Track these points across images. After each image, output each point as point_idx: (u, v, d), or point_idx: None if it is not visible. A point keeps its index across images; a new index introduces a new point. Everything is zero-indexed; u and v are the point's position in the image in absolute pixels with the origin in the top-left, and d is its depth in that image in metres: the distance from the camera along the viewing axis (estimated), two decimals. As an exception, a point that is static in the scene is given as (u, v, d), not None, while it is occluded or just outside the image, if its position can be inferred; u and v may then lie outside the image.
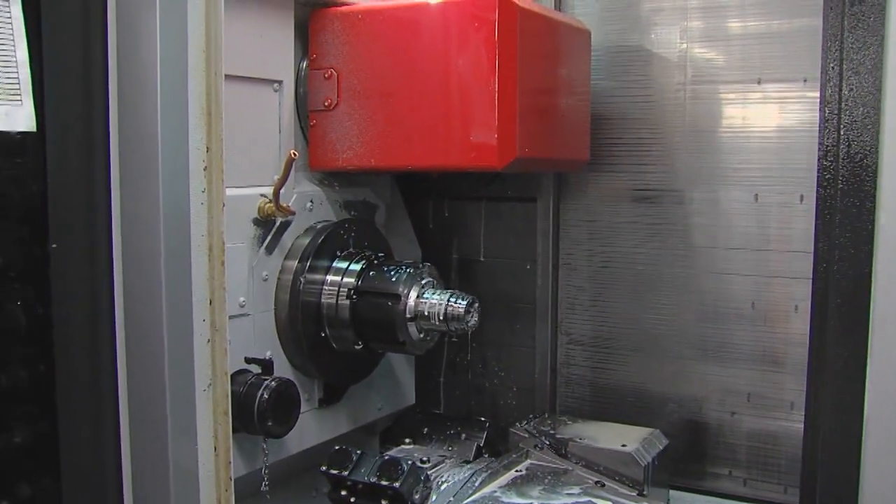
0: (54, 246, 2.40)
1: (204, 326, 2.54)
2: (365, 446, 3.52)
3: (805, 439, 2.13)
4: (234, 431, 2.89)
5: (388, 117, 3.16)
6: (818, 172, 2.01)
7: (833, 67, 1.91)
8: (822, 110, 2.01)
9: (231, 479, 2.65)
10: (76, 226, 2.46)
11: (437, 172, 3.62)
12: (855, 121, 1.84)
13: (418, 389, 3.88)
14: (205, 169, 2.49)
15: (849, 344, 1.73)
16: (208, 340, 2.57)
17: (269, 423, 2.85)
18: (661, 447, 3.30)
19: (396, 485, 2.86)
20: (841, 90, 1.87)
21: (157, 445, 2.54)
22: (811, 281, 2.02)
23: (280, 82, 3.12)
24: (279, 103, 3.13)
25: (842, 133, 1.86)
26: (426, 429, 3.48)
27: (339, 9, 3.24)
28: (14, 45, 2.27)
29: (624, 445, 3.22)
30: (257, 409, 2.83)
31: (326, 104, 3.24)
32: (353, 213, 3.39)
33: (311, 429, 3.26)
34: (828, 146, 1.94)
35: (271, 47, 3.09)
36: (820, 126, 2.02)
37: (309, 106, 3.30)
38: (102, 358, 2.55)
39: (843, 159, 1.85)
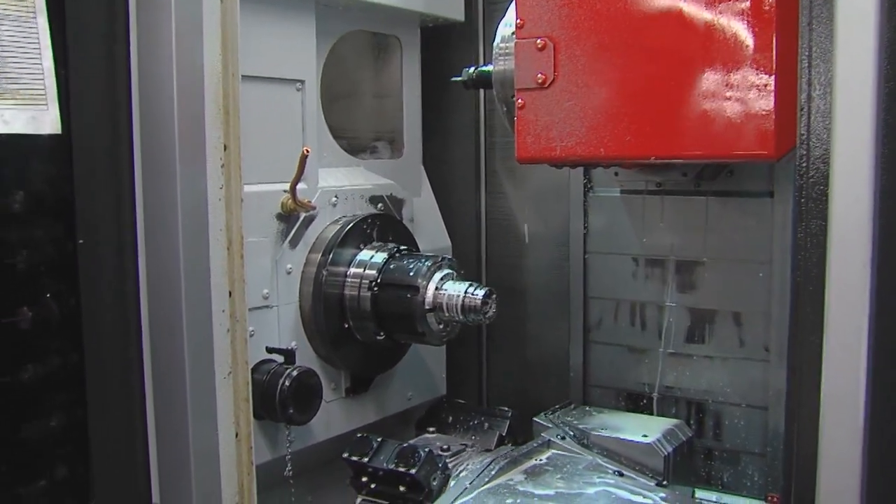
0: (81, 241, 2.56)
1: (223, 317, 2.67)
2: (400, 435, 3.61)
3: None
4: (258, 419, 3.04)
5: (622, 96, 2.65)
6: (798, 161, 2.02)
7: (804, 56, 1.91)
8: (798, 99, 2.01)
9: (252, 463, 2.77)
10: (102, 222, 2.60)
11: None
12: (818, 109, 1.84)
13: (451, 380, 3.98)
14: (222, 166, 2.62)
15: (817, 332, 1.73)
16: (228, 330, 2.69)
17: (291, 411, 2.96)
18: (683, 438, 3.31)
19: (413, 471, 2.94)
20: (810, 78, 1.88)
21: (180, 431, 2.68)
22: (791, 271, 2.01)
23: (302, 82, 3.21)
24: (302, 102, 3.22)
25: (811, 122, 1.87)
26: (450, 418, 3.55)
27: None
28: (40, 54, 2.42)
29: (645, 436, 3.24)
30: (279, 397, 2.94)
31: (539, 81, 2.77)
32: (379, 207, 3.48)
33: (338, 418, 3.37)
34: (801, 135, 1.95)
35: (293, 48, 3.18)
36: (798, 115, 2.02)
37: (516, 83, 2.84)
38: (129, 347, 2.70)
39: (812, 148, 1.86)
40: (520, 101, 2.82)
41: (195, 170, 2.57)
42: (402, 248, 3.35)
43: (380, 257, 3.25)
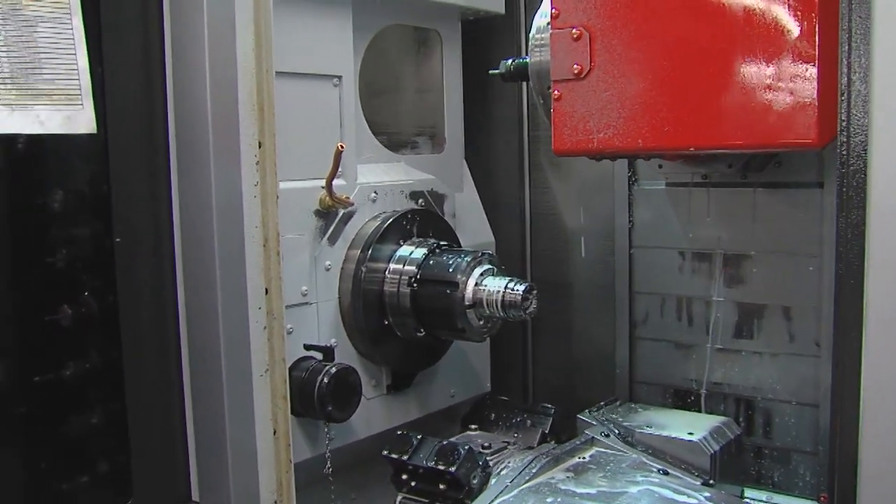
0: (118, 240, 2.57)
1: (260, 314, 2.67)
2: (445, 432, 3.59)
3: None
4: (297, 416, 3.04)
5: (662, 85, 2.58)
6: (839, 149, 1.94)
7: (844, 40, 1.84)
8: (839, 84, 1.93)
9: (291, 460, 2.77)
10: (138, 221, 2.62)
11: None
12: (858, 95, 1.76)
13: (496, 376, 3.94)
14: (257, 163, 2.61)
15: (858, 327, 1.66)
16: (265, 327, 2.69)
17: (329, 408, 2.94)
18: (731, 437, 3.23)
19: (453, 469, 2.91)
20: (850, 63, 1.80)
21: (217, 428, 2.69)
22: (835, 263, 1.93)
23: (339, 77, 3.19)
24: (339, 98, 3.20)
25: (851, 108, 1.79)
26: (493, 415, 3.52)
27: None
28: (75, 54, 2.44)
29: (691, 434, 3.17)
30: (317, 395, 2.93)
31: (576, 71, 2.71)
32: (420, 202, 3.45)
33: (379, 415, 3.35)
34: (842, 122, 1.87)
35: (330, 44, 3.17)
36: (839, 101, 1.94)
37: (552, 74, 2.79)
38: (167, 345, 2.71)
39: (852, 135, 1.78)
40: (556, 92, 2.78)
41: (230, 167, 2.57)
42: (443, 243, 3.31)
43: (419, 253, 3.22)
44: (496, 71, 3.27)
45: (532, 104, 3.97)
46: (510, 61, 3.21)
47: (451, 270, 3.13)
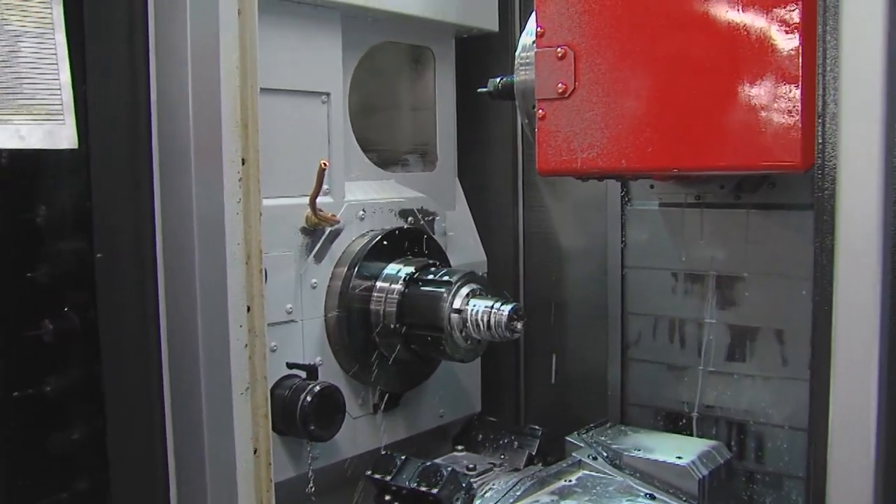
0: (99, 255, 2.56)
1: (241, 332, 2.64)
2: (436, 453, 3.56)
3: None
4: (281, 434, 3.02)
5: (646, 105, 2.57)
6: (815, 172, 1.91)
7: (820, 62, 1.81)
8: (816, 107, 1.90)
9: (272, 480, 2.74)
10: (120, 237, 2.60)
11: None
12: (832, 117, 1.73)
13: (488, 396, 3.90)
14: (240, 180, 2.59)
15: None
16: (246, 345, 2.67)
17: (312, 427, 2.92)
18: (721, 461, 3.19)
19: (435, 491, 2.88)
20: (825, 84, 1.77)
21: (197, 447, 2.66)
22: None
23: (328, 94, 3.18)
24: (328, 115, 3.19)
25: (826, 131, 1.76)
26: (480, 436, 3.48)
27: None
28: (58, 69, 2.43)
29: (679, 458, 3.12)
30: (300, 413, 2.91)
31: (560, 90, 2.69)
32: (409, 220, 3.44)
33: (366, 434, 3.32)
34: (819, 144, 1.84)
35: (318, 61, 3.15)
36: (816, 124, 1.91)
37: (537, 93, 2.77)
38: (147, 361, 2.69)
39: (827, 158, 1.75)
40: (540, 111, 2.76)
41: (211, 183, 2.55)
42: (431, 262, 3.29)
43: (406, 272, 3.20)
44: (484, 89, 3.25)
45: (527, 121, 3.95)
46: (499, 80, 3.20)
47: (437, 290, 3.11)
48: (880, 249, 1.47)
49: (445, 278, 3.15)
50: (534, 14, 2.78)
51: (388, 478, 2.98)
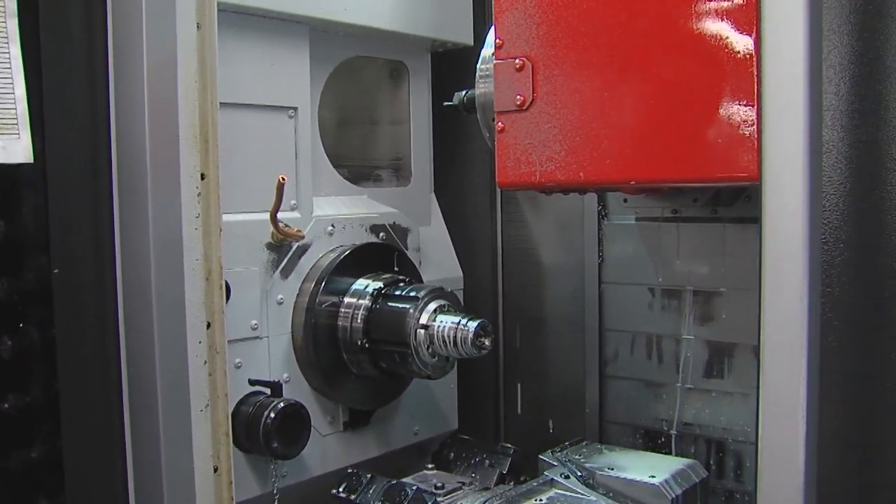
0: (56, 271, 2.54)
1: (200, 348, 2.61)
2: (412, 471, 3.51)
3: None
4: (246, 452, 2.98)
5: (603, 117, 2.51)
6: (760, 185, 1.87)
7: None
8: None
9: (233, 498, 2.70)
10: (77, 252, 2.58)
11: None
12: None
13: (467, 414, 3.85)
14: (199, 195, 2.57)
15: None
16: (205, 362, 2.64)
17: (275, 445, 2.88)
18: (696, 480, 3.12)
19: (399, 510, 2.84)
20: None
21: (155, 465, 2.63)
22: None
23: (295, 109, 3.16)
24: (295, 129, 3.17)
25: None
26: (451, 454, 3.43)
27: None
28: (13, 82, 2.42)
29: (653, 476, 3.06)
30: (262, 431, 2.87)
31: (518, 103, 2.66)
32: (381, 236, 3.40)
33: (336, 452, 3.27)
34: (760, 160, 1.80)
35: (286, 75, 3.13)
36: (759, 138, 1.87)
37: (495, 105, 2.73)
38: (106, 378, 2.66)
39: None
40: (499, 124, 2.72)
41: (169, 199, 2.53)
42: (401, 278, 3.26)
43: (374, 287, 3.17)
44: (450, 103, 3.22)
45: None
46: (464, 93, 3.16)
47: (403, 305, 3.07)
48: (806, 262, 1.42)
49: (413, 294, 3.11)
50: (493, 25, 2.75)
51: (354, 496, 2.94)
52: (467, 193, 4.00)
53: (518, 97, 2.67)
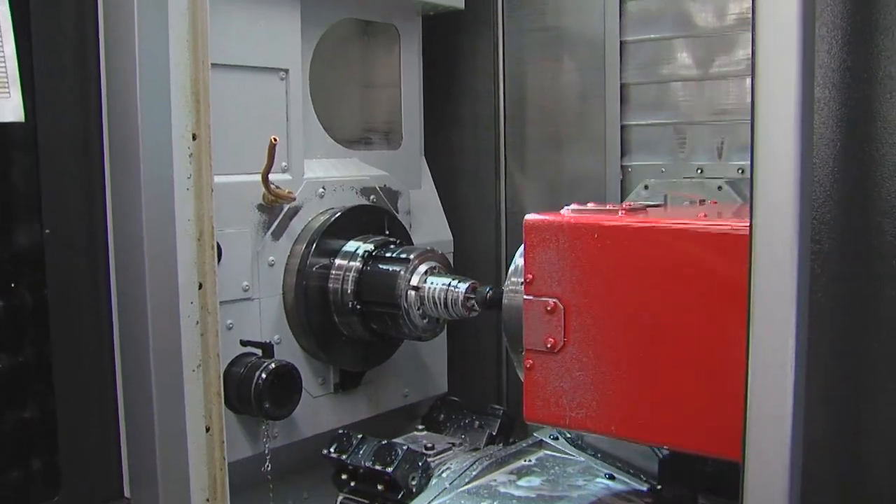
0: (48, 231, 2.54)
1: (192, 309, 2.61)
2: (403, 434, 3.53)
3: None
4: (237, 413, 3.00)
5: (635, 374, 2.37)
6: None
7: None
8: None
9: (225, 458, 2.72)
10: (69, 212, 2.58)
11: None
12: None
13: (466, 378, 3.90)
14: (191, 156, 2.57)
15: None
16: (197, 322, 2.64)
17: (267, 406, 2.90)
18: (683, 441, 3.16)
19: (390, 470, 2.86)
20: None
21: (148, 424, 2.64)
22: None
23: (286, 71, 3.15)
24: (286, 91, 3.16)
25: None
26: (442, 416, 3.46)
27: (565, 220, 2.49)
28: (2, 41, 2.40)
29: (641, 438, 3.09)
30: (254, 391, 2.89)
31: (549, 345, 2.49)
32: (371, 198, 3.41)
33: (327, 414, 3.31)
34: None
35: (277, 37, 3.12)
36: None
37: (525, 342, 2.56)
38: (98, 338, 2.66)
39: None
40: (529, 361, 2.57)
41: (161, 159, 2.52)
42: (392, 240, 3.27)
43: (365, 249, 3.18)
44: (472, 296, 3.03)
45: (514, 98, 3.91)
46: (487, 291, 3.00)
47: (394, 267, 3.08)
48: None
49: (403, 256, 3.13)
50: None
51: (344, 457, 2.96)
52: (458, 157, 4.00)
53: (550, 340, 2.51)
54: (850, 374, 1.58)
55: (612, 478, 3.02)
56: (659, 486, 3.01)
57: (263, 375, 2.89)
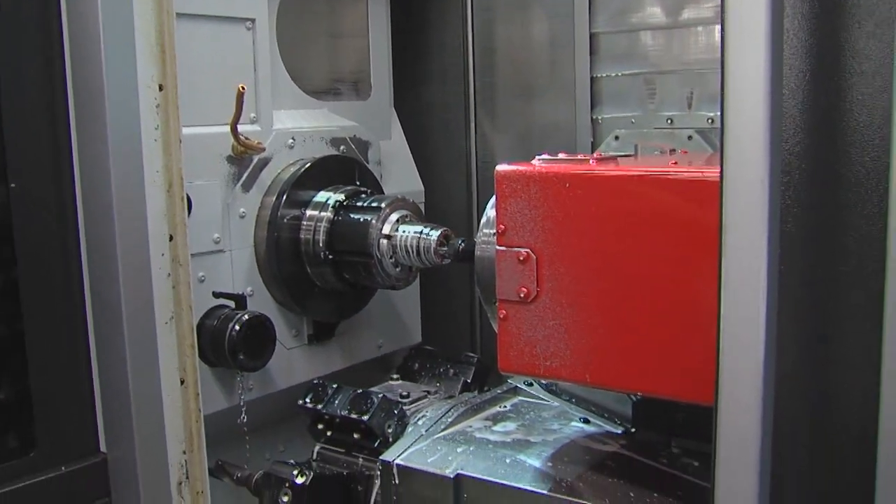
0: (13, 185, 2.50)
1: (164, 261, 2.59)
2: (379, 382, 3.54)
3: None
4: (212, 365, 3.00)
5: (608, 322, 2.40)
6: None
7: None
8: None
9: (200, 410, 2.71)
10: (35, 165, 2.54)
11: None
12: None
13: (442, 329, 3.92)
14: (157, 106, 2.53)
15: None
16: (168, 274, 2.62)
17: (241, 357, 2.90)
18: (658, 386, 3.19)
19: (366, 418, 2.88)
20: None
21: (122, 378, 2.62)
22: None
23: (252, 20, 3.10)
24: (253, 41, 3.12)
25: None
26: (416, 365, 3.48)
27: (536, 170, 2.50)
28: (-42, -13, 2.35)
29: (614, 381, 3.12)
30: (228, 343, 2.89)
31: (522, 295, 2.53)
32: (341, 149, 3.38)
33: (301, 365, 3.32)
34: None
35: (242, -15, 3.08)
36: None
37: (498, 293, 2.58)
38: (69, 292, 2.64)
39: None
40: (502, 312, 2.59)
41: (127, 110, 2.49)
42: (363, 189, 3.26)
43: (336, 199, 3.17)
44: (444, 248, 3.04)
45: (483, 49, 3.89)
46: (460, 242, 3.01)
47: (366, 216, 3.08)
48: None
49: (375, 205, 3.12)
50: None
51: (320, 406, 2.98)
52: (428, 110, 3.98)
53: (522, 290, 2.54)
54: (818, 302, 1.60)
55: (586, 421, 3.05)
56: (633, 430, 3.06)
57: (237, 327, 2.89)
